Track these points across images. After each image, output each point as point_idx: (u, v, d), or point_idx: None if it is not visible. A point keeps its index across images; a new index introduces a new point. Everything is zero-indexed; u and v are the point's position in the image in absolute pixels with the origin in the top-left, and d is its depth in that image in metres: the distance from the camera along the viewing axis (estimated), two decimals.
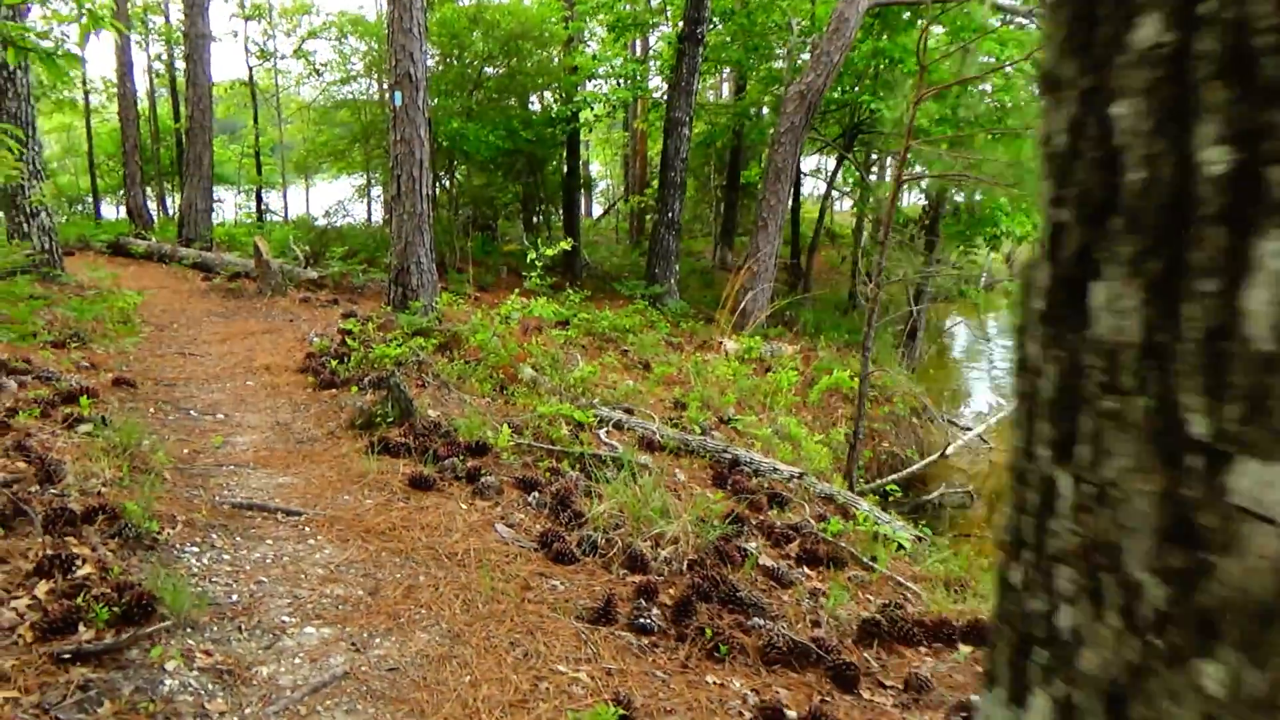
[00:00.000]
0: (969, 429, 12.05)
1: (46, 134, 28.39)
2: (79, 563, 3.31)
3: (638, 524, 4.47)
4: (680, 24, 13.42)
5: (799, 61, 13.97)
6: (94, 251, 12.99)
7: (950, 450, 10.13)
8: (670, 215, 13.14)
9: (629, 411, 7.00)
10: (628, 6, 14.17)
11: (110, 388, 5.87)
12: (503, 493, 4.72)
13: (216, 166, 26.05)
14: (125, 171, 13.64)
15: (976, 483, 11.12)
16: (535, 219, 17.81)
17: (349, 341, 7.22)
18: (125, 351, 6.98)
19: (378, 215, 26.02)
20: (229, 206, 27.77)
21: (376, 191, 25.40)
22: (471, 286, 12.61)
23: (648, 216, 25.57)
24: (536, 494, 4.73)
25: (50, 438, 4.53)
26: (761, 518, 5.14)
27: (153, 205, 23.81)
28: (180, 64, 17.86)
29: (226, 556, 3.76)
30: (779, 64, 16.61)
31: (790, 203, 15.06)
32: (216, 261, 11.73)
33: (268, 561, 3.76)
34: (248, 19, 20.87)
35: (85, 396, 5.15)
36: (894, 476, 9.30)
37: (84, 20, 3.49)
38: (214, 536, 3.90)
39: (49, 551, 3.30)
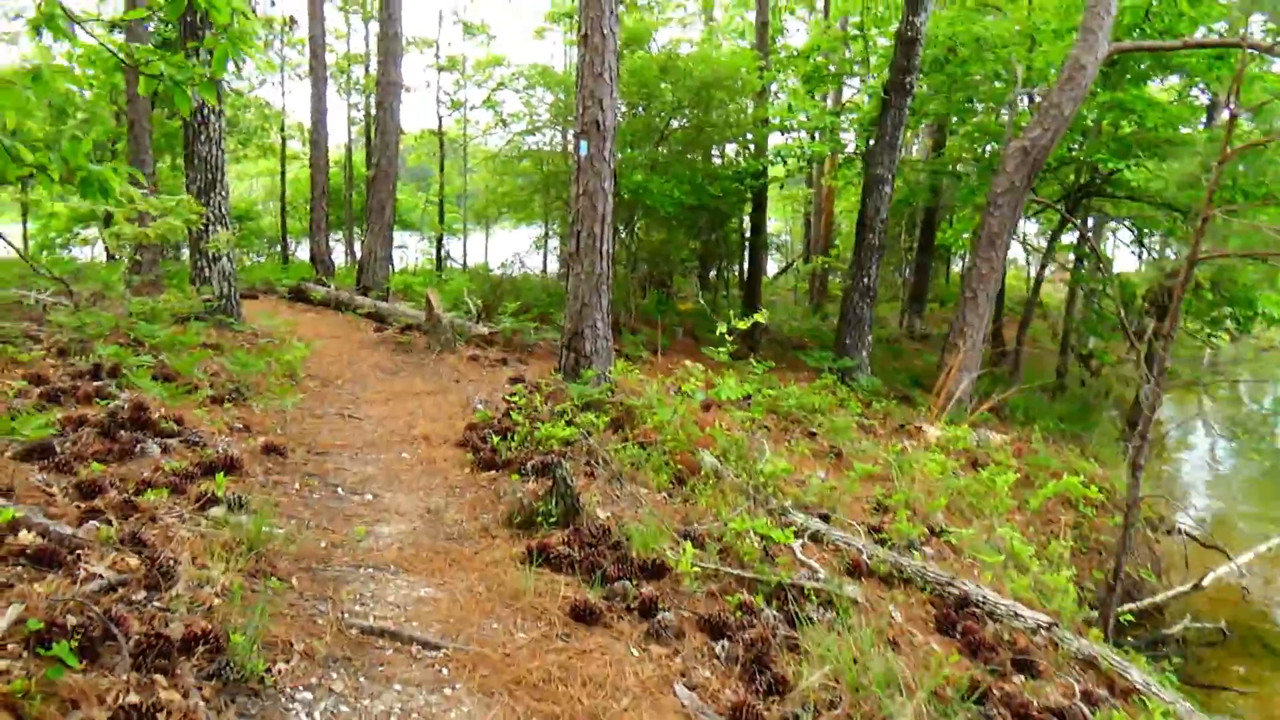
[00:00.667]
0: (1216, 546, 10.17)
1: (253, 177, 30.41)
2: (161, 716, 2.64)
3: (857, 699, 3.45)
4: (886, 73, 12.43)
5: (1019, 113, 12.67)
6: (277, 295, 13.21)
7: (1207, 582, 8.43)
8: (866, 281, 12.05)
9: (825, 518, 5.97)
10: (824, 57, 13.32)
11: (258, 455, 5.40)
12: (683, 636, 3.81)
13: (403, 213, 27.03)
14: (311, 217, 13.97)
15: (1225, 611, 9.29)
16: (712, 276, 17.08)
17: (514, 415, 6.56)
18: (283, 411, 6.58)
19: (554, 266, 26.16)
20: (412, 252, 28.74)
21: (554, 243, 25.56)
22: (646, 349, 11.92)
23: (831, 279, 24.45)
24: (725, 642, 3.79)
25: (176, 522, 4.00)
26: (1008, 691, 4.00)
27: (342, 249, 24.81)
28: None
29: (345, 708, 3.01)
30: (989, 118, 15.30)
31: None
32: (390, 312, 11.58)
33: (392, 718, 3.00)
34: (441, 70, 21.47)
35: (222, 473, 4.64)
36: (1131, 606, 7.76)
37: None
38: (334, 676, 3.17)
39: (129, 698, 2.64)
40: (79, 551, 3.50)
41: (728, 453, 6.84)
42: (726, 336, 6.68)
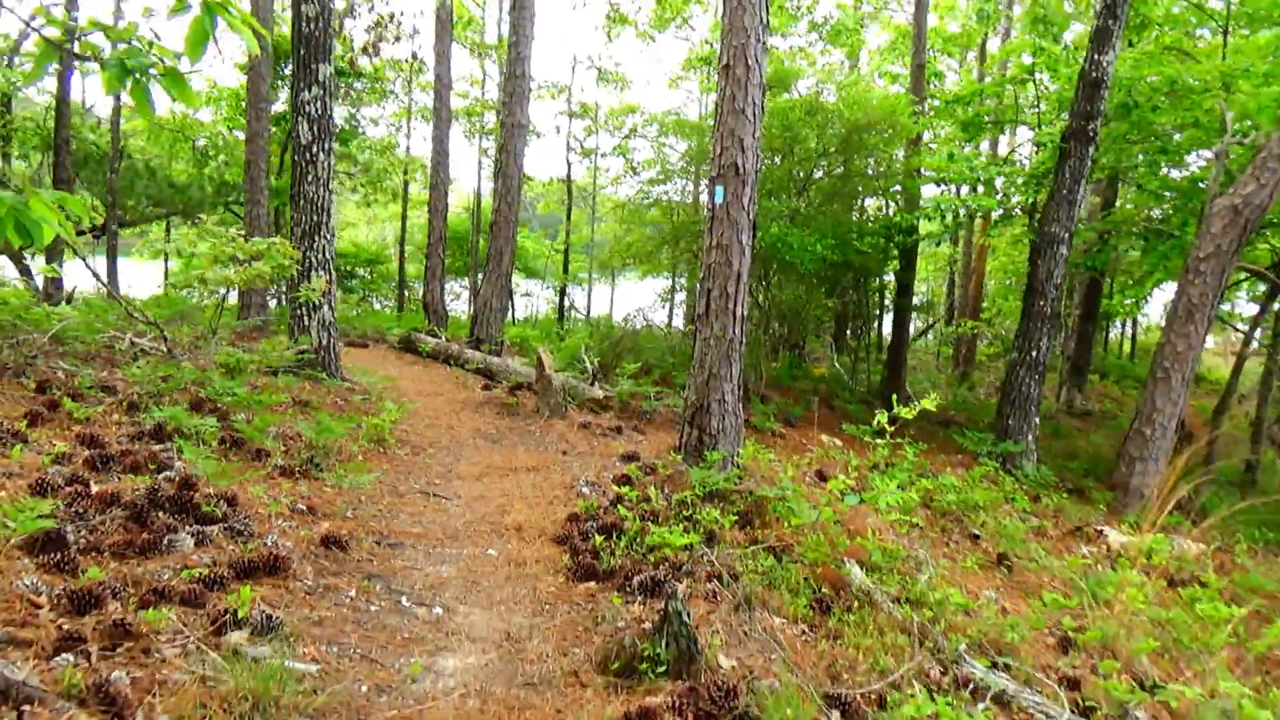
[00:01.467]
0: None
1: (385, 221, 30.88)
2: None
3: None
4: (1061, 120, 11.06)
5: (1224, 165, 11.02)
6: (386, 345, 12.72)
7: None
8: (1034, 355, 10.60)
9: (1005, 666, 4.68)
10: (989, 101, 12.03)
11: (314, 549, 4.54)
12: None
13: (527, 260, 26.81)
14: (427, 264, 13.51)
15: None
16: (848, 337, 15.79)
17: (622, 509, 5.55)
18: (359, 487, 5.76)
19: (679, 320, 25.31)
20: (537, 300, 28.44)
21: (680, 296, 24.75)
22: (776, 419, 10.77)
23: (981, 346, 22.68)
24: None
25: (175, 657, 3.13)
26: None
27: (466, 297, 24.62)
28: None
29: None
30: (1178, 171, 13.61)
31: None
32: (500, 369, 10.84)
33: None
34: (573, 116, 21.10)
35: (256, 579, 3.78)
36: None
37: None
38: None
39: None
40: (24, 709, 2.65)
41: (879, 563, 5.63)
42: (887, 426, 5.49)
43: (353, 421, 7.00)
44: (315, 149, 8.53)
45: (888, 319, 20.10)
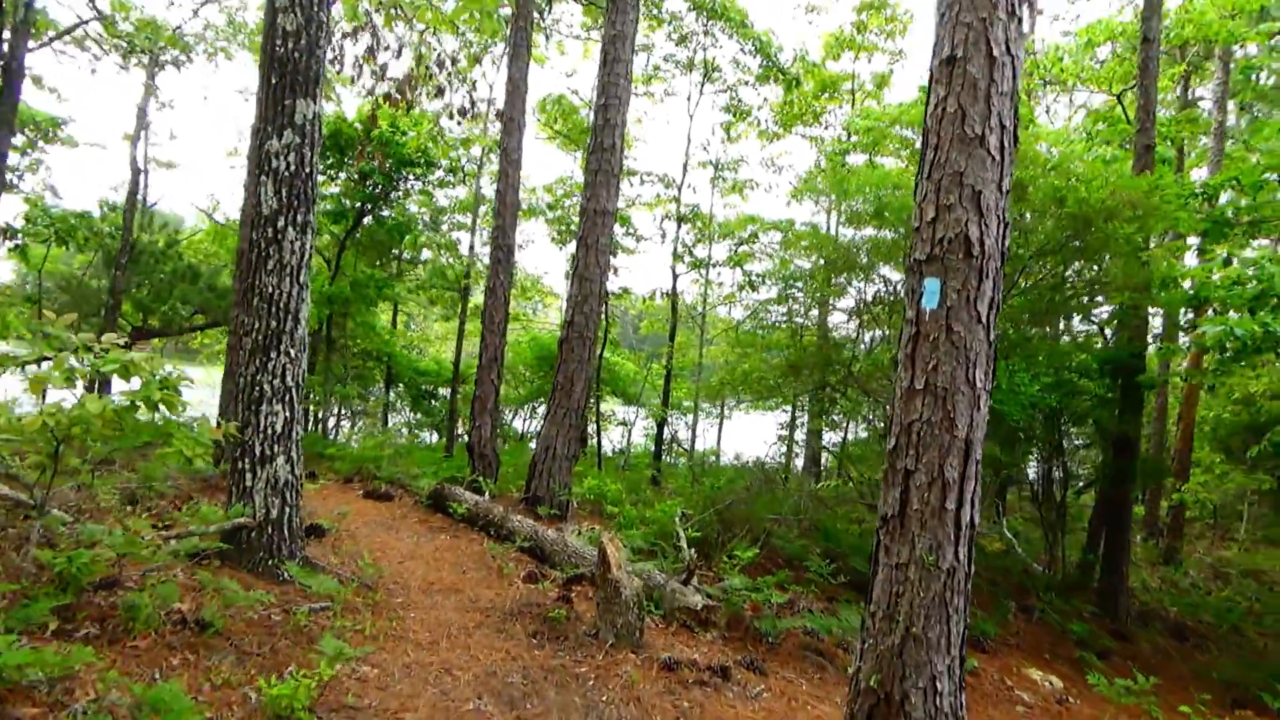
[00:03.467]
0: None
1: (474, 336, 28.51)
2: None
3: None
4: None
5: None
6: (414, 499, 9.80)
7: None
8: None
9: None
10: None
11: None
12: None
13: (624, 384, 23.87)
14: (475, 392, 10.53)
15: None
16: (1040, 501, 12.10)
17: None
18: None
19: (798, 458, 21.86)
20: (636, 431, 25.24)
21: (800, 435, 21.38)
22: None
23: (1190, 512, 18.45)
24: None
25: None
26: None
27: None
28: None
29: None
30: None
31: None
32: (556, 547, 7.74)
33: None
34: (681, 221, 18.48)
35: None
36: None
37: None
38: None
39: None
40: None
41: None
42: None
43: (276, 670, 4.00)
44: (282, 223, 5.84)
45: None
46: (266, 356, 5.83)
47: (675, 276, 18.57)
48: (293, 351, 5.92)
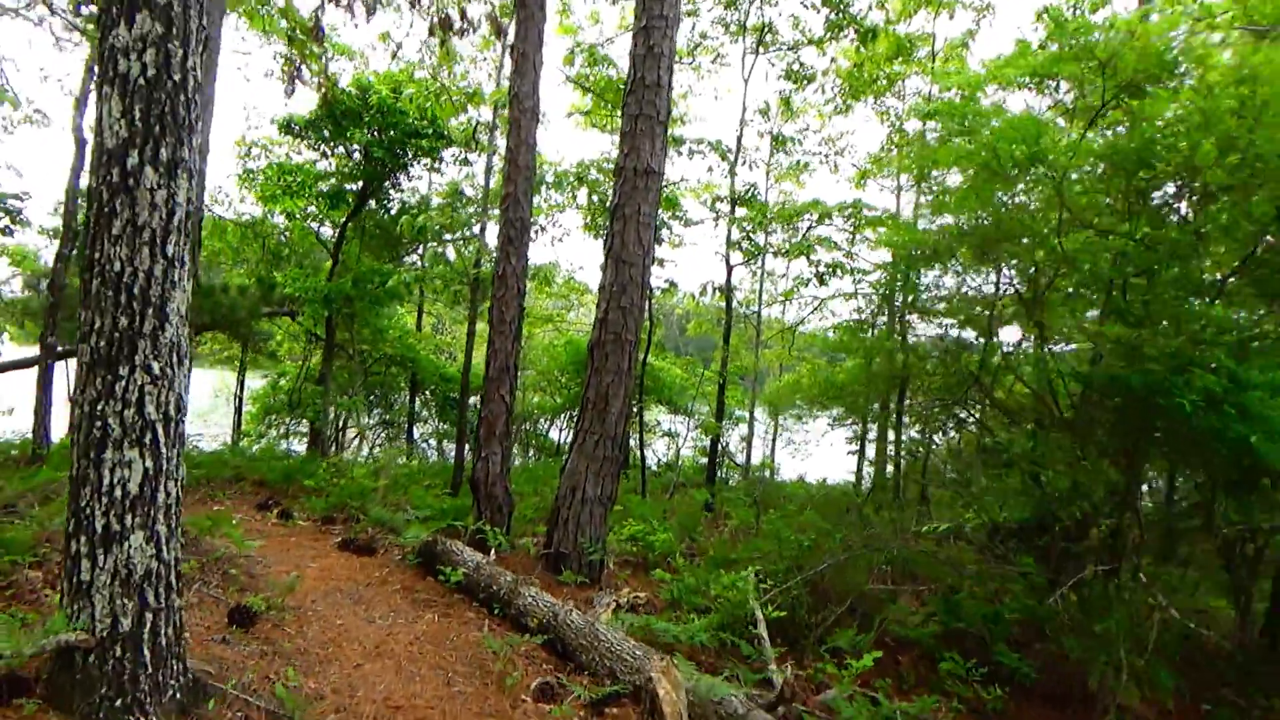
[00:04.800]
0: None
1: (477, 342, 26.37)
2: None
3: None
4: None
5: None
6: (401, 551, 7.68)
7: None
8: None
9: None
10: None
11: None
12: None
13: (671, 393, 21.67)
14: (481, 412, 8.12)
15: None
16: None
17: None
18: None
19: (865, 474, 19.46)
20: (685, 444, 22.91)
21: (870, 451, 18.97)
22: None
23: None
24: None
25: None
26: None
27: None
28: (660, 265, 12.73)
29: None
30: None
31: None
32: (583, 637, 5.54)
33: None
34: (735, 202, 16.22)
35: None
36: None
37: None
38: None
39: None
40: None
41: None
42: None
43: None
44: (135, 160, 3.75)
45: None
46: (112, 374, 3.73)
47: (730, 268, 16.30)
48: (156, 366, 3.81)
